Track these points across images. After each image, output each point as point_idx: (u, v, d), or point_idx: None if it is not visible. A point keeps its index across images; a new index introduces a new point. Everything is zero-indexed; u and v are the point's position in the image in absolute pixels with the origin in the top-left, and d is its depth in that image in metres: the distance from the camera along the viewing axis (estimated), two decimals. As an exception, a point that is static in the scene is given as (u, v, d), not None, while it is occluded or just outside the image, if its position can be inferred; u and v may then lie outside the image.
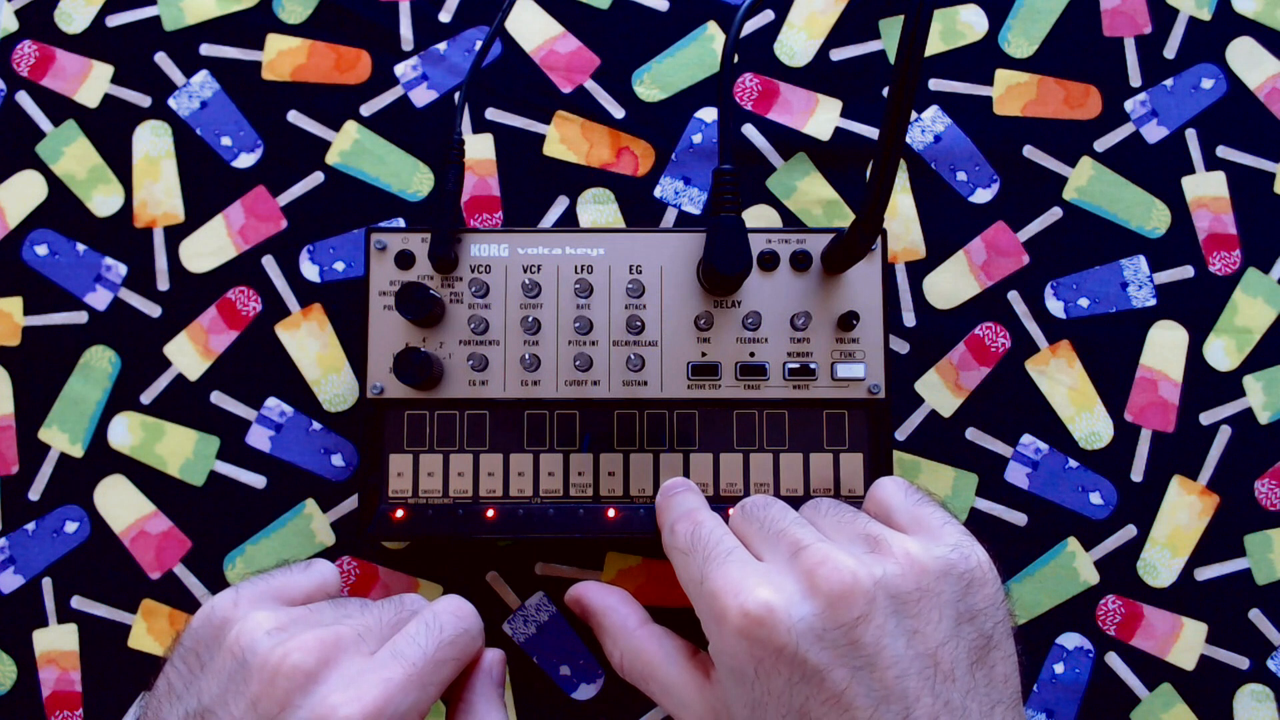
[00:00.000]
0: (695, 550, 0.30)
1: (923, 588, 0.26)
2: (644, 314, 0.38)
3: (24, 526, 0.40)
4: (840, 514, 0.31)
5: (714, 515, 0.32)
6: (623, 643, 0.33)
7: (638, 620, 0.33)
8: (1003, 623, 0.27)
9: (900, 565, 0.27)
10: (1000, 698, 0.26)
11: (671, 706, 0.31)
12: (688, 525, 0.31)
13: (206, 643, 0.27)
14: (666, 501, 0.35)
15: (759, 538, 0.30)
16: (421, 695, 0.27)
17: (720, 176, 0.36)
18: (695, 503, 0.34)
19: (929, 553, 0.27)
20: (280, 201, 0.42)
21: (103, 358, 0.41)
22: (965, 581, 0.27)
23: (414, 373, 0.35)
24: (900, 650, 0.25)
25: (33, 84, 0.42)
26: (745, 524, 0.31)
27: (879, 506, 0.31)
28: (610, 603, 0.34)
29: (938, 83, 0.43)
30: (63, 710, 0.39)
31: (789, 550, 0.28)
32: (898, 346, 0.41)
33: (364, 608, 0.29)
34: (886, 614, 0.26)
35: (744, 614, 0.26)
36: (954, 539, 0.28)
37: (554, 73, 0.43)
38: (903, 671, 0.25)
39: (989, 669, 0.26)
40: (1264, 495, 0.41)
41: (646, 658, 0.32)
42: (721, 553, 0.29)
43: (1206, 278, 0.42)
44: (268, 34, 0.42)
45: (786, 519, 0.30)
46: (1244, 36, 0.43)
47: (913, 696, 0.25)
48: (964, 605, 0.27)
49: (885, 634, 0.25)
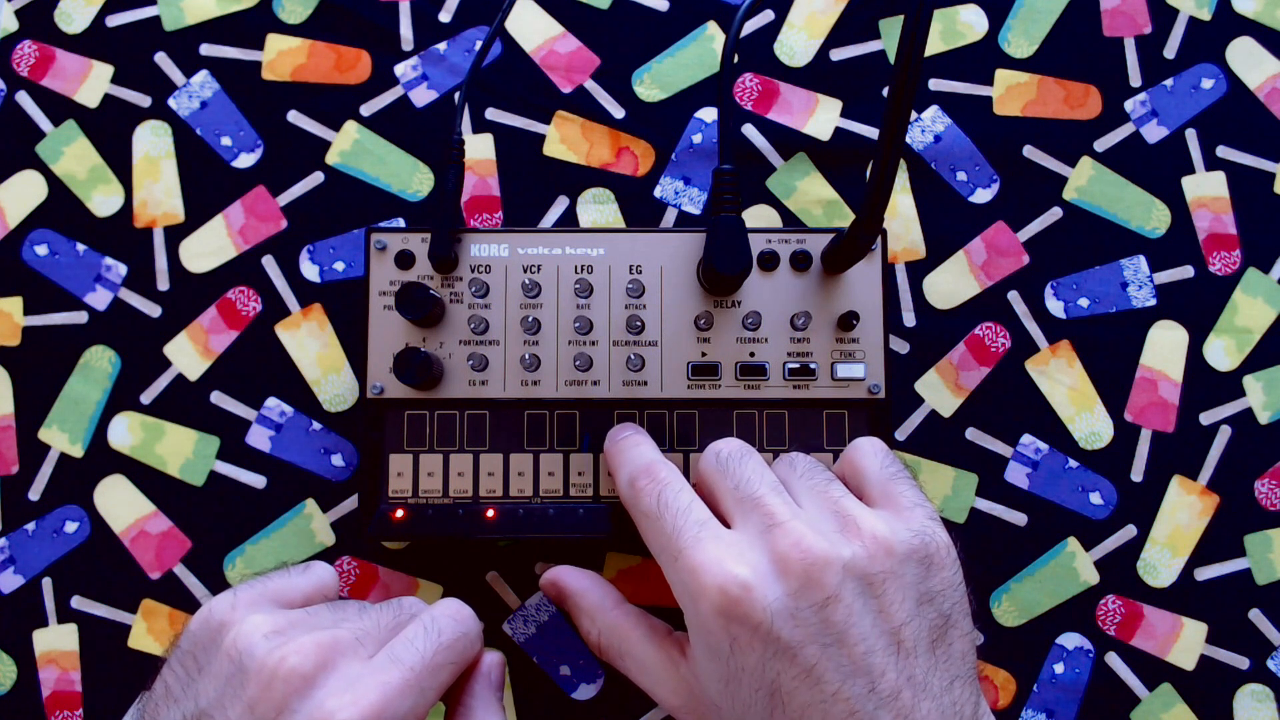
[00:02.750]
0: (664, 517, 0.30)
1: (887, 569, 0.28)
2: (644, 314, 0.38)
3: (24, 526, 0.40)
4: (814, 479, 0.31)
5: (678, 475, 0.32)
6: (600, 620, 0.34)
7: (614, 600, 0.34)
8: (960, 603, 0.29)
9: (868, 547, 0.28)
10: (959, 673, 0.28)
11: (647, 683, 0.32)
12: (651, 485, 0.31)
13: (204, 645, 0.27)
14: (616, 448, 0.35)
15: (731, 498, 0.30)
16: (419, 699, 0.27)
17: (720, 176, 0.36)
18: (651, 453, 0.34)
19: (895, 535, 0.28)
20: (280, 201, 0.42)
21: (103, 358, 0.41)
22: (927, 565, 0.28)
23: (414, 373, 0.35)
24: (867, 628, 0.27)
25: (33, 84, 0.42)
26: (719, 477, 0.31)
27: (854, 470, 0.32)
28: (586, 584, 0.35)
29: (938, 83, 0.43)
30: (63, 710, 0.39)
31: (762, 522, 0.28)
32: (898, 346, 0.41)
33: (362, 611, 0.29)
34: (855, 594, 0.27)
35: (721, 592, 0.27)
36: (920, 523, 0.29)
37: (554, 73, 0.43)
38: (869, 648, 0.26)
39: (948, 646, 0.28)
40: (1264, 495, 0.41)
41: (624, 634, 0.33)
42: (694, 525, 0.29)
43: (1206, 278, 0.42)
44: (268, 34, 0.42)
45: (762, 482, 0.30)
46: (1244, 36, 0.43)
47: (878, 671, 0.26)
48: (925, 587, 0.28)
49: (853, 613, 0.27)
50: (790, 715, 0.26)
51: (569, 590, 0.35)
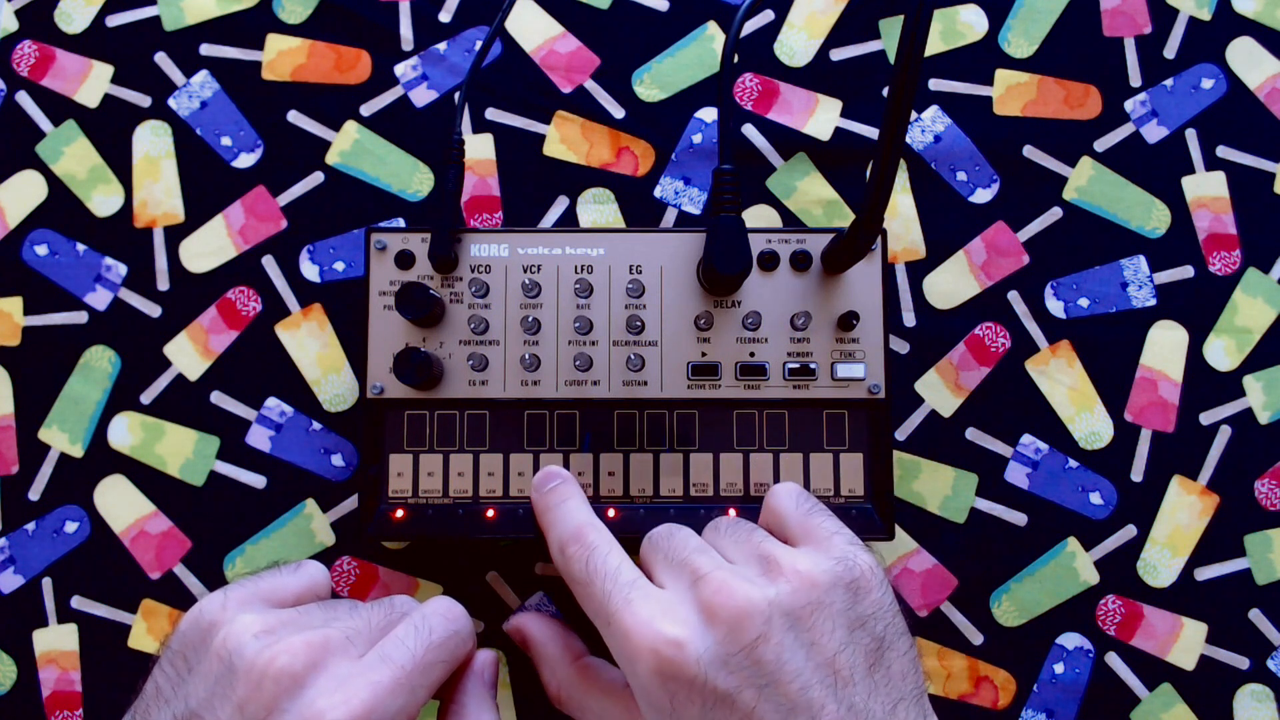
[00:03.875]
0: (594, 581, 0.30)
1: (814, 601, 0.27)
2: (644, 314, 0.38)
3: (24, 526, 0.40)
4: (736, 533, 0.32)
5: (607, 537, 0.32)
6: (560, 674, 0.34)
7: (574, 653, 0.35)
8: (893, 624, 0.28)
9: (791, 583, 0.28)
10: (901, 694, 0.27)
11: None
12: (580, 550, 0.31)
13: (194, 645, 0.27)
14: (544, 502, 0.35)
15: (662, 565, 0.30)
16: (410, 698, 0.27)
17: (720, 176, 0.36)
18: (580, 515, 0.33)
19: (817, 566, 0.28)
20: (280, 201, 0.42)
21: (103, 358, 0.41)
22: (853, 590, 0.28)
23: (414, 373, 0.35)
24: (801, 663, 0.26)
25: (33, 84, 0.42)
26: (650, 554, 0.31)
27: (774, 516, 0.33)
28: (548, 634, 0.35)
29: (938, 83, 0.43)
30: (63, 710, 0.39)
31: (689, 579, 0.29)
32: (898, 346, 0.41)
33: (353, 610, 0.29)
34: (783, 631, 0.27)
35: (654, 653, 0.27)
36: (840, 550, 0.29)
37: (554, 73, 0.43)
38: (805, 683, 0.26)
39: (886, 668, 0.28)
40: (1264, 495, 0.41)
41: (581, 690, 0.33)
42: (624, 586, 0.29)
43: (1206, 278, 0.42)
44: (268, 34, 0.42)
45: (688, 546, 0.30)
46: (1244, 36, 0.43)
47: (817, 705, 0.26)
48: (854, 613, 0.28)
49: (784, 649, 0.26)
50: None
51: (532, 640, 0.36)
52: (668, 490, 0.37)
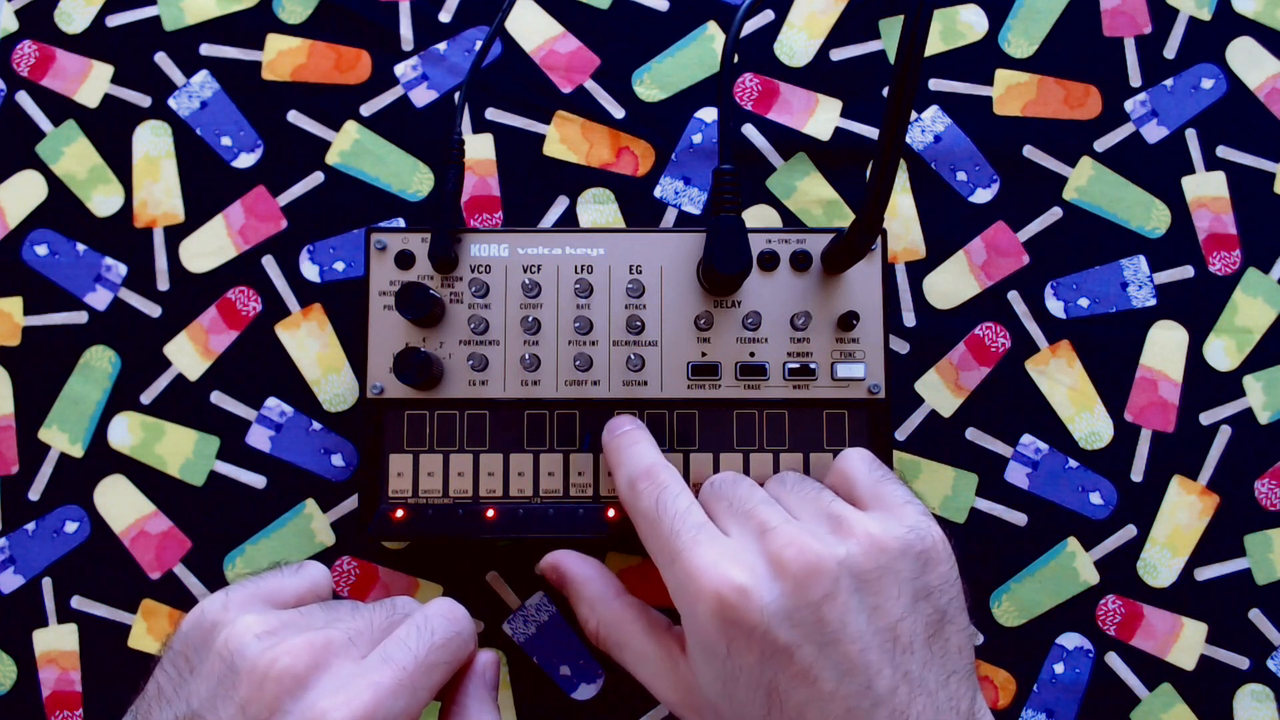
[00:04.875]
0: (663, 519, 0.30)
1: (882, 566, 0.27)
2: (644, 314, 0.38)
3: (24, 526, 0.40)
4: (804, 489, 0.32)
5: (677, 477, 0.32)
6: (601, 610, 0.33)
7: (615, 590, 0.34)
8: (956, 599, 0.29)
9: (861, 545, 0.28)
10: (955, 668, 0.28)
11: (645, 676, 0.32)
12: (651, 487, 0.31)
13: (196, 646, 0.27)
14: (617, 443, 0.35)
15: (727, 514, 0.30)
16: (412, 699, 0.27)
17: (720, 176, 0.36)
18: (653, 455, 0.34)
19: (889, 532, 0.28)
20: (280, 201, 0.42)
21: (103, 358, 0.41)
22: (922, 560, 0.28)
23: (414, 373, 0.35)
24: (862, 626, 0.26)
25: (33, 84, 0.42)
26: (714, 500, 0.31)
27: (843, 479, 0.33)
28: (589, 573, 0.35)
29: (938, 83, 0.43)
30: (63, 710, 0.39)
31: (757, 529, 0.29)
32: (898, 346, 0.41)
33: (355, 611, 0.29)
34: (850, 592, 0.27)
35: (718, 597, 0.27)
36: (913, 519, 0.29)
37: (554, 73, 0.43)
38: (865, 646, 0.26)
39: (944, 641, 0.28)
40: (1264, 495, 0.41)
41: (624, 627, 0.32)
42: (691, 527, 0.29)
43: (1206, 278, 0.42)
44: (268, 34, 0.42)
45: (754, 497, 0.30)
46: (1244, 36, 0.43)
47: (874, 669, 0.26)
48: (920, 583, 0.28)
49: (849, 611, 0.26)
50: (787, 715, 0.26)
51: (570, 577, 0.35)
52: (668, 490, 0.37)
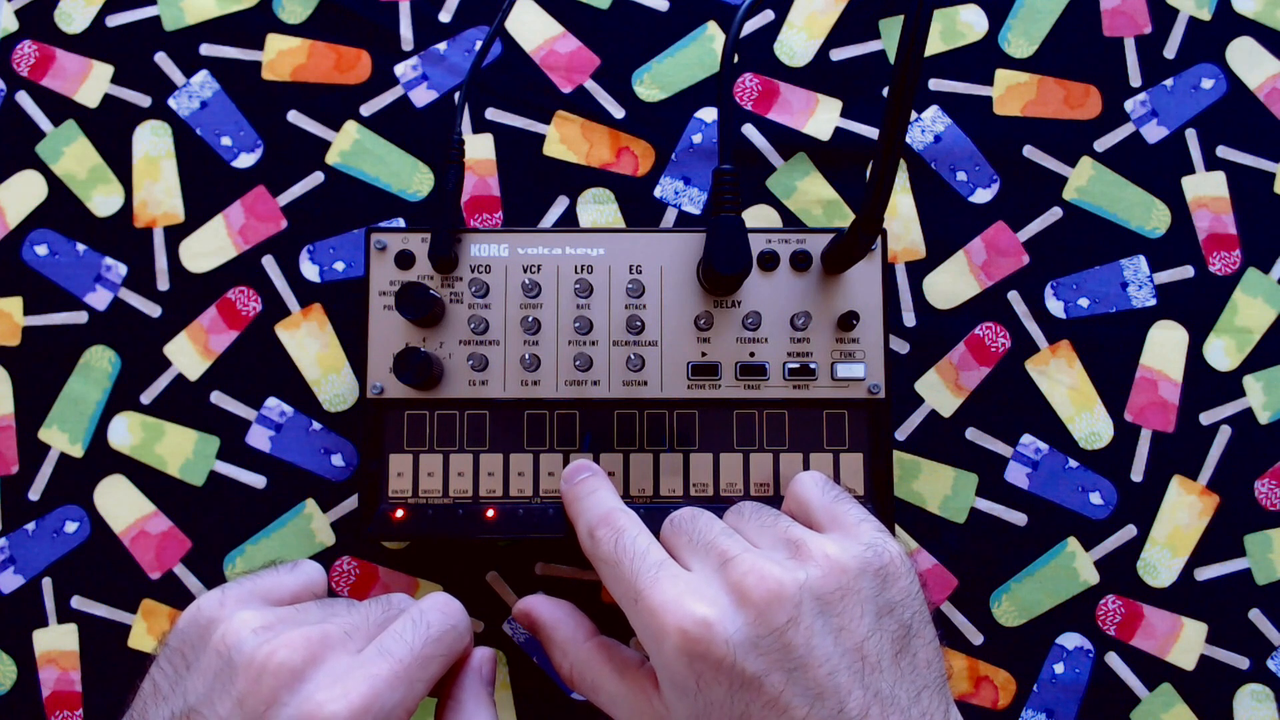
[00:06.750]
0: (623, 561, 0.30)
1: (843, 586, 0.27)
2: (644, 314, 0.38)
3: (24, 526, 0.40)
4: (762, 518, 0.32)
5: (634, 518, 0.32)
6: (572, 654, 0.33)
7: (586, 633, 0.34)
8: (919, 612, 0.29)
9: (821, 567, 0.28)
10: (926, 682, 0.27)
11: (621, 716, 0.31)
12: (609, 533, 0.31)
13: (192, 643, 0.27)
14: (574, 492, 0.35)
15: (687, 549, 0.30)
16: (408, 692, 0.27)
17: (720, 176, 0.36)
18: (610, 501, 0.34)
19: (846, 552, 0.28)
20: (280, 201, 0.42)
21: (103, 358, 0.41)
22: (881, 577, 0.28)
23: (414, 373, 0.35)
24: (829, 648, 0.26)
25: (33, 84, 0.42)
26: (674, 536, 0.31)
27: (798, 504, 0.33)
28: (559, 615, 0.34)
29: (938, 83, 0.43)
30: (63, 710, 0.39)
31: (718, 561, 0.29)
32: (898, 346, 0.41)
33: (350, 607, 0.30)
34: (813, 615, 0.27)
35: (682, 632, 0.26)
36: (869, 536, 0.29)
37: (554, 73, 0.43)
38: (833, 668, 0.26)
39: (912, 656, 0.28)
40: (1264, 495, 0.41)
41: (595, 668, 0.32)
42: (651, 566, 0.29)
43: (1206, 278, 0.42)
44: (268, 34, 0.42)
45: (713, 529, 0.30)
46: (1244, 36, 0.43)
47: (844, 691, 0.26)
48: (883, 599, 0.28)
49: (814, 634, 0.26)
50: None
51: (541, 621, 0.35)
52: (668, 490, 0.37)
